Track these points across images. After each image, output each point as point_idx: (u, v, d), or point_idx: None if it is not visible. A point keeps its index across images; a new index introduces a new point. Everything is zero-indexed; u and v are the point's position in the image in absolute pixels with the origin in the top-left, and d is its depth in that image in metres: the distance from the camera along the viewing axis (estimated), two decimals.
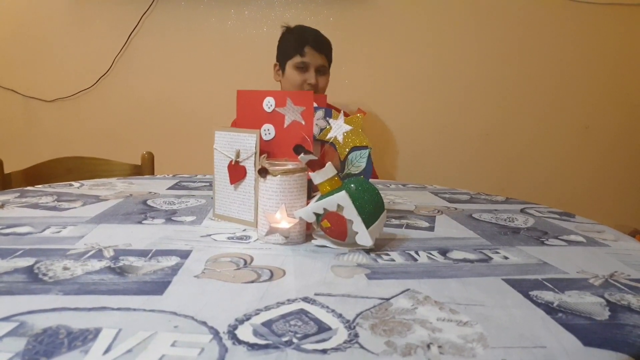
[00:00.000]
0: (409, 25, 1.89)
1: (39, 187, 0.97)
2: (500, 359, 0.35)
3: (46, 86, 1.90)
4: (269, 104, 0.72)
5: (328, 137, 0.73)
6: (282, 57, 1.52)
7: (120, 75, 1.90)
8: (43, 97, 1.90)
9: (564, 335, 0.39)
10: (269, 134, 0.72)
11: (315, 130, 0.72)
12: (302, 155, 0.61)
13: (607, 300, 0.46)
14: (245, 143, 0.68)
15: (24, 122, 1.93)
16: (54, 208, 0.78)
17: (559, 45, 1.92)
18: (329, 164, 0.59)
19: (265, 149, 0.71)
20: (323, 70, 1.49)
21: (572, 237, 0.70)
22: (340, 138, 0.72)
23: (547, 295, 0.47)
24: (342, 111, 0.75)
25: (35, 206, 0.79)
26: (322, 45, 1.48)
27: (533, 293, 0.47)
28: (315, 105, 0.71)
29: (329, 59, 1.53)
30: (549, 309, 0.44)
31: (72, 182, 1.04)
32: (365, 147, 0.72)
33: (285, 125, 0.71)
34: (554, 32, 1.92)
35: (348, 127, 0.72)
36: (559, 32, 1.92)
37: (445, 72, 1.93)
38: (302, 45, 1.45)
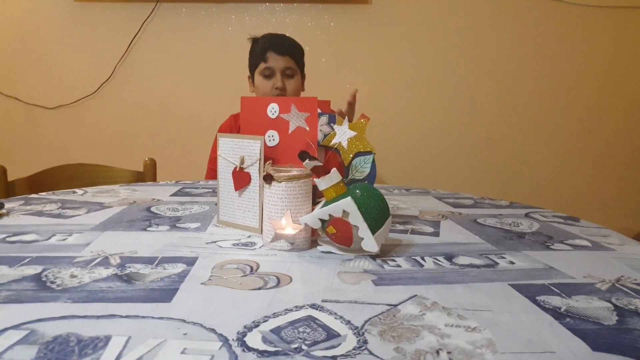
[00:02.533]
0: (409, 29, 1.90)
1: (43, 194, 0.98)
2: None
3: (48, 93, 1.91)
4: (273, 110, 0.72)
5: (332, 142, 0.73)
6: (251, 68, 1.50)
7: (122, 82, 1.91)
8: (45, 104, 1.91)
9: (572, 340, 0.39)
10: (273, 140, 0.72)
11: (320, 136, 0.72)
12: (307, 161, 0.61)
13: (615, 305, 0.46)
14: (249, 149, 0.68)
15: (26, 130, 1.93)
16: (58, 215, 0.78)
17: (560, 48, 1.93)
18: (334, 170, 0.59)
19: (270, 155, 0.71)
20: (290, 73, 1.44)
21: (578, 242, 0.70)
22: (344, 144, 0.72)
23: (555, 300, 0.47)
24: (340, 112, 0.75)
25: (40, 214, 0.79)
26: (284, 48, 1.44)
27: (540, 298, 0.47)
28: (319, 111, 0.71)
29: (297, 61, 1.47)
30: (557, 314, 0.44)
31: (76, 189, 1.04)
32: (370, 153, 0.72)
33: (289, 132, 0.71)
34: (554, 35, 1.92)
35: (352, 133, 0.72)
36: (559, 36, 1.92)
37: (446, 76, 1.94)
38: (264, 52, 1.42)
